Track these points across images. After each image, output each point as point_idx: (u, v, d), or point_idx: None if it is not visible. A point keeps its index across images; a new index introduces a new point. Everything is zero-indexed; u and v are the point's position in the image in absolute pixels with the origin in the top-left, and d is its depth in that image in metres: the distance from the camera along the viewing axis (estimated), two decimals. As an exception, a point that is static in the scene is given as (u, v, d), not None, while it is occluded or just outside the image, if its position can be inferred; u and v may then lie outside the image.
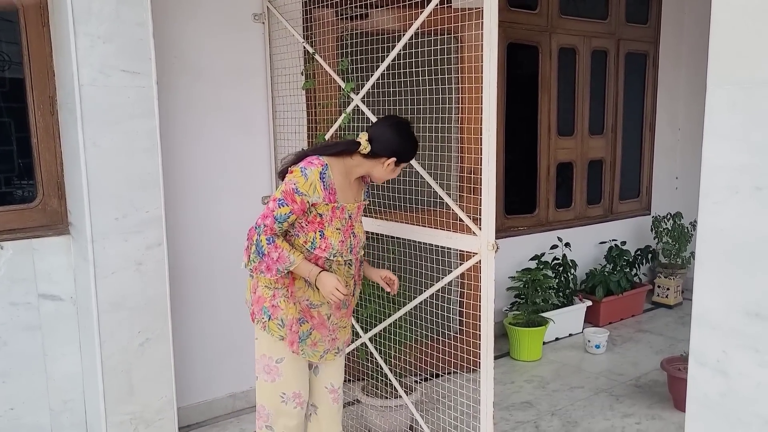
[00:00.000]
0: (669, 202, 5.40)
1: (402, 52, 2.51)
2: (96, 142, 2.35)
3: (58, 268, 2.64)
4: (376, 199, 2.77)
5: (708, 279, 1.44)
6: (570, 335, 4.36)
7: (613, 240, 4.90)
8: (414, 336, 2.83)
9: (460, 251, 2.39)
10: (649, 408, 3.27)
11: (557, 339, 4.30)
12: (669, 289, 5.05)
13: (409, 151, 2.09)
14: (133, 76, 2.39)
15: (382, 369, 2.83)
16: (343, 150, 2.04)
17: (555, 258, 4.42)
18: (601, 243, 4.91)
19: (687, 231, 4.98)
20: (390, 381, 2.80)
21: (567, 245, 4.50)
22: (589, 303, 4.46)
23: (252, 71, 3.13)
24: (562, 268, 4.39)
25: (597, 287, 4.54)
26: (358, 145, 2.03)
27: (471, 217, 2.25)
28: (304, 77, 3.04)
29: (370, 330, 2.84)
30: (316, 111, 3.10)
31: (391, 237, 2.75)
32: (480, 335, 2.17)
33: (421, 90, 2.72)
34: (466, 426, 2.46)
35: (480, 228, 2.16)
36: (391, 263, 2.80)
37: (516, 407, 3.29)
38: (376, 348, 2.84)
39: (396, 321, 2.75)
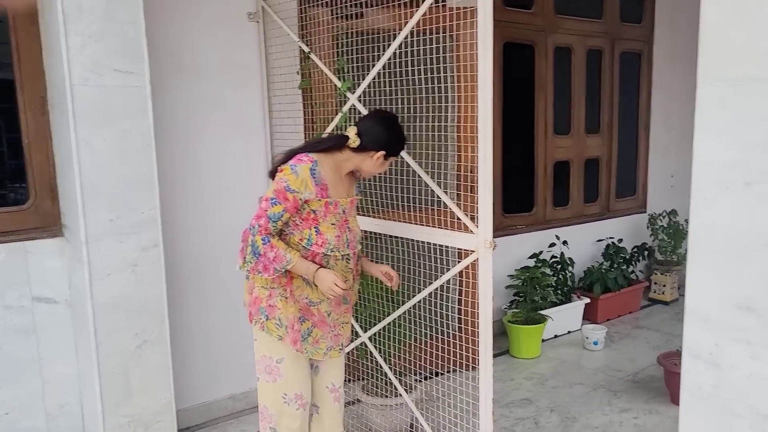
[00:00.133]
0: (664, 199, 5.42)
1: (398, 51, 2.52)
2: (89, 142, 2.34)
3: (52, 270, 2.63)
4: (374, 198, 2.77)
5: (700, 274, 1.45)
6: (569, 332, 4.37)
7: (610, 238, 4.92)
8: (413, 335, 2.83)
9: (458, 249, 2.40)
10: (647, 403, 3.28)
11: (556, 336, 4.31)
12: (665, 286, 5.06)
13: (397, 145, 2.12)
14: (126, 75, 2.38)
15: (381, 368, 2.83)
16: (332, 145, 2.05)
17: (553, 256, 4.43)
18: (599, 241, 4.92)
19: (682, 228, 5.00)
20: (390, 380, 2.80)
21: (565, 243, 4.51)
22: (587, 300, 4.48)
23: (247, 70, 3.12)
24: (560, 266, 4.40)
25: (595, 284, 4.55)
26: (346, 140, 2.04)
27: (468, 216, 2.26)
28: (300, 76, 3.04)
29: (369, 329, 2.84)
30: (312, 110, 3.10)
31: (390, 236, 2.75)
32: (479, 333, 2.17)
33: (418, 89, 2.72)
34: (466, 423, 2.47)
35: (477, 226, 2.16)
36: (390, 262, 2.80)
37: (516, 404, 3.30)
38: (375, 347, 2.84)
39: (395, 320, 2.75)
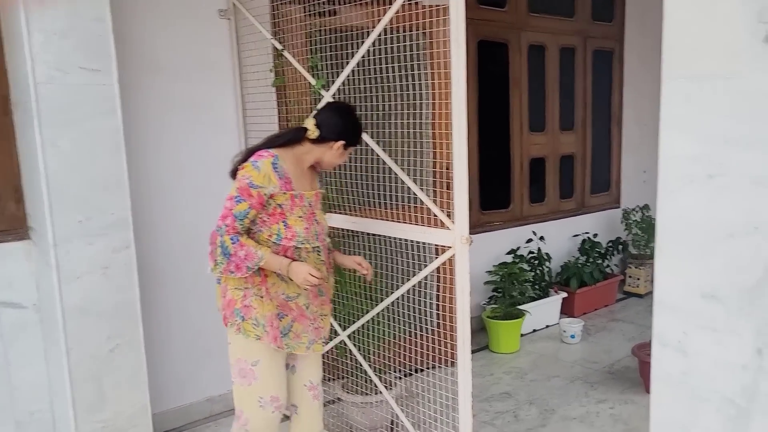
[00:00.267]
0: (637, 194, 5.51)
1: (372, 48, 2.51)
2: (55, 142, 2.29)
3: (18, 274, 2.56)
4: (352, 196, 2.77)
5: (667, 264, 1.47)
6: (547, 326, 4.42)
7: (586, 233, 4.99)
8: (393, 332, 2.84)
9: (435, 246, 2.40)
10: (622, 393, 3.33)
11: (534, 331, 4.35)
12: (639, 279, 5.14)
13: (355, 134, 2.14)
14: (93, 73, 2.33)
15: (361, 366, 2.83)
16: (291, 138, 2.06)
17: (530, 251, 4.48)
18: (575, 236, 4.99)
19: (655, 222, 5.07)
20: (370, 378, 2.80)
21: (542, 239, 4.55)
22: (564, 294, 4.53)
23: (219, 68, 3.09)
24: (537, 261, 4.45)
25: (571, 279, 4.61)
26: (304, 132, 2.06)
27: (445, 212, 2.26)
28: (273, 74, 3.02)
29: (348, 327, 2.83)
30: (287, 108, 3.08)
31: (368, 234, 2.75)
32: (456, 328, 2.18)
33: (392, 87, 2.72)
34: (446, 418, 2.48)
35: (453, 222, 2.17)
36: (368, 260, 2.79)
37: (495, 398, 3.34)
38: (355, 345, 2.83)
39: (374, 317, 2.74)
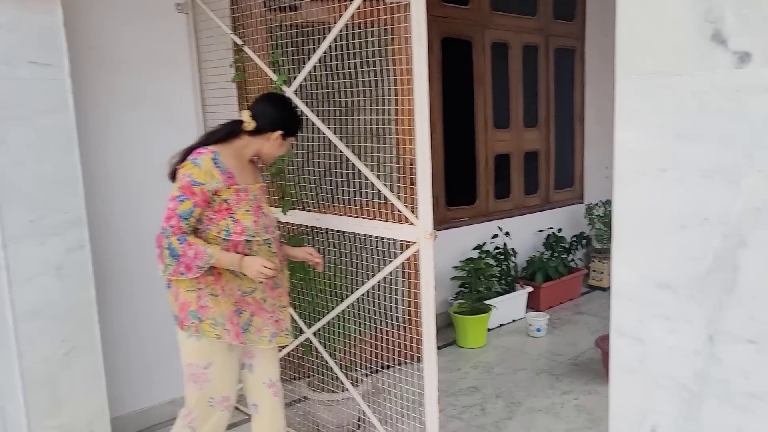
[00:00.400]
0: (600, 190, 5.63)
1: (334, 44, 2.50)
2: (4, 139, 2.20)
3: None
4: (316, 193, 2.75)
5: (623, 255, 1.51)
6: (513, 321, 4.47)
7: (551, 228, 5.06)
8: (360, 329, 2.83)
9: (401, 242, 2.41)
10: (586, 384, 3.40)
11: (501, 325, 4.40)
12: (603, 273, 5.25)
13: (293, 123, 2.13)
14: (44, 68, 2.25)
15: (327, 364, 2.81)
16: (228, 133, 2.05)
17: (496, 247, 4.52)
18: (540, 231, 5.06)
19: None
20: (336, 375, 2.78)
21: (507, 234, 4.61)
22: (530, 289, 4.59)
23: (177, 63, 3.03)
24: (503, 256, 4.50)
25: (537, 273, 4.67)
26: (240, 125, 2.05)
27: (409, 207, 2.27)
28: (233, 69, 2.97)
29: (313, 325, 2.81)
30: (248, 104, 3.02)
31: (333, 231, 2.74)
32: (422, 323, 2.19)
33: (356, 83, 2.72)
34: (414, 413, 2.49)
35: (417, 217, 2.18)
36: (334, 257, 2.79)
37: (463, 392, 3.36)
38: (321, 343, 2.82)
39: (341, 315, 2.74)
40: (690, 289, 1.39)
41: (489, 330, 4.18)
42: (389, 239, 2.53)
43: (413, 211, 2.22)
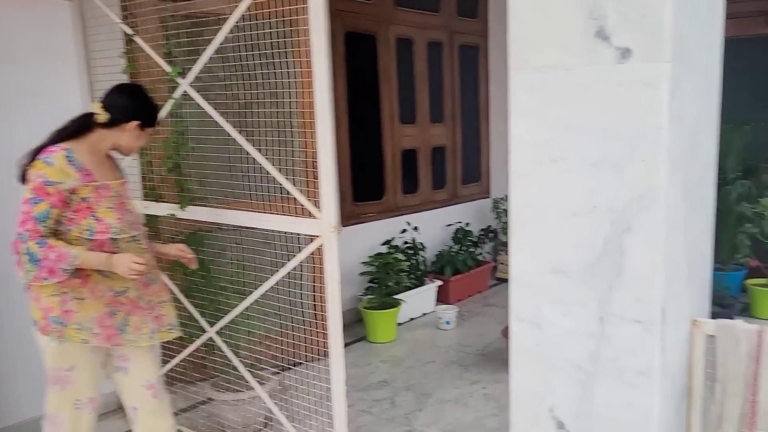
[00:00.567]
0: (506, 184, 5.77)
1: (232, 36, 2.40)
2: None
3: None
4: (217, 188, 2.67)
5: (520, 243, 1.54)
6: (423, 314, 4.53)
7: (459, 222, 5.18)
8: (266, 326, 2.78)
9: (306, 237, 2.37)
10: (494, 373, 3.50)
11: (412, 319, 4.44)
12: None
13: (150, 112, 2.07)
14: None
15: (232, 363, 2.72)
16: (79, 127, 1.96)
17: (405, 242, 4.56)
18: (448, 225, 5.16)
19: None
20: (242, 374, 2.71)
21: (416, 229, 4.66)
22: (440, 282, 4.67)
23: (63, 55, 2.83)
24: (412, 251, 4.55)
25: (445, 267, 4.77)
26: (92, 117, 1.96)
27: (312, 201, 2.23)
28: (124, 60, 2.78)
29: (216, 324, 2.72)
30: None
31: (235, 227, 2.65)
32: (328, 317, 2.17)
33: (256, 75, 2.63)
34: (324, 409, 2.46)
35: (321, 211, 2.15)
36: (236, 253, 2.73)
37: (373, 387, 3.37)
38: (225, 341, 2.74)
39: (245, 312, 2.67)
40: (582, 275, 1.45)
41: (399, 324, 4.21)
42: (293, 234, 2.49)
43: (316, 205, 2.18)
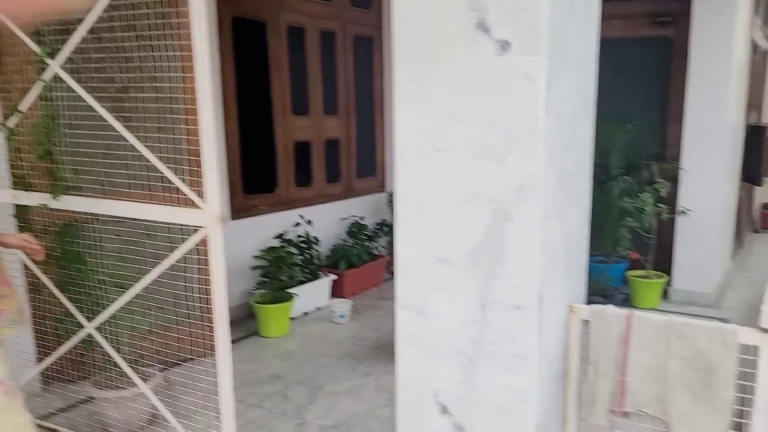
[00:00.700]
0: (399, 177, 5.92)
1: (106, 14, 2.22)
2: None
3: None
4: (99, 178, 2.52)
5: (405, 232, 1.55)
6: (317, 309, 4.49)
7: (354, 216, 5.17)
8: (151, 321, 2.66)
9: (192, 228, 2.25)
10: (386, 365, 3.54)
11: (306, 314, 4.39)
12: (401, 257, 5.56)
13: None
14: None
15: (113, 360, 2.57)
16: None
17: (299, 235, 4.49)
18: (343, 219, 5.14)
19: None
20: (124, 371, 2.57)
21: (309, 222, 4.60)
22: (334, 277, 4.65)
23: None
24: (306, 244, 4.48)
25: (340, 261, 4.75)
26: None
27: (197, 191, 2.13)
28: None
29: (95, 319, 2.56)
30: (6, 77, 2.60)
31: (116, 218, 2.50)
32: (214, 310, 2.11)
33: (134, 59, 2.45)
34: (213, 405, 2.39)
35: (205, 201, 2.07)
36: (116, 245, 2.58)
37: (264, 381, 3.32)
38: (105, 337, 2.58)
39: (126, 307, 2.53)
40: (465, 263, 1.49)
41: (293, 319, 4.15)
42: (177, 225, 2.35)
43: (200, 195, 2.08)
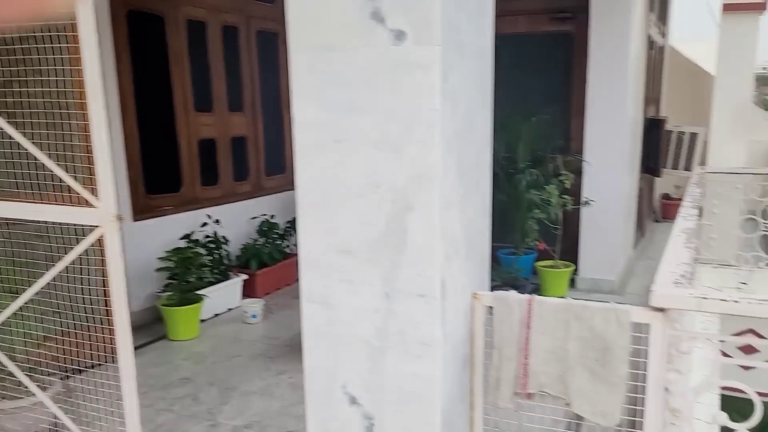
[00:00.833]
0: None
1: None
2: None
3: None
4: None
5: (308, 225, 1.56)
6: (229, 309, 4.38)
7: (264, 215, 5.07)
8: (47, 327, 2.50)
9: (89, 228, 2.12)
10: (300, 363, 3.42)
11: (217, 315, 4.27)
12: (315, 254, 5.53)
13: None
14: None
15: (7, 368, 2.40)
16: None
17: (207, 235, 4.35)
18: (253, 218, 5.03)
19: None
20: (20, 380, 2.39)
21: (217, 222, 4.47)
22: (245, 277, 4.54)
23: None
24: (214, 245, 4.35)
25: (251, 261, 4.66)
26: None
27: (91, 189, 2.01)
28: None
29: None
30: None
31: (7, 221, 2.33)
32: (114, 312, 2.01)
33: (15, 50, 2.27)
34: (119, 410, 2.27)
35: (99, 199, 1.96)
36: (5, 248, 2.39)
37: (174, 385, 3.22)
38: None
39: (20, 313, 2.36)
40: (368, 253, 1.52)
41: (203, 321, 4.03)
42: (71, 225, 2.21)
43: (94, 193, 1.97)
